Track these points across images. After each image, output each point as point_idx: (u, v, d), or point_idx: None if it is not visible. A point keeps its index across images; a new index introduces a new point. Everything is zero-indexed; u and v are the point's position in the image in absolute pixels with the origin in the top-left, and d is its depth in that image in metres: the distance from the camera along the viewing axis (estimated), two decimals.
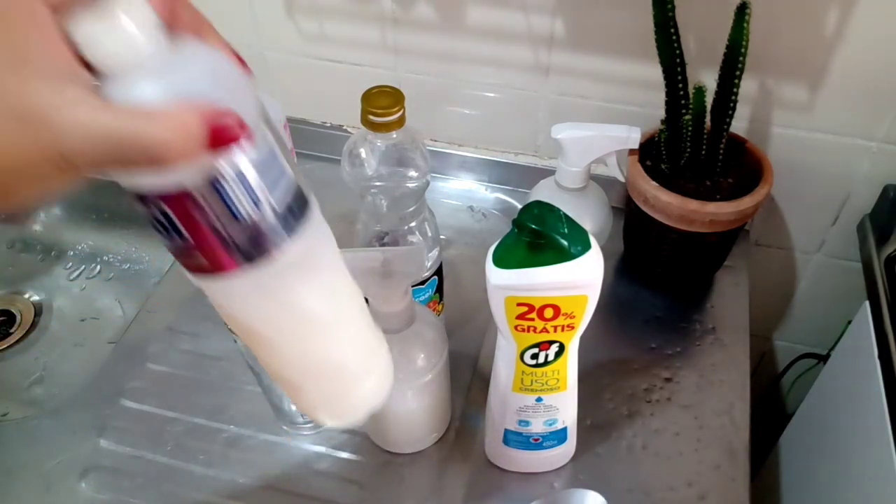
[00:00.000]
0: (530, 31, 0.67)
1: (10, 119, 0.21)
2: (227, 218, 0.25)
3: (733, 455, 0.55)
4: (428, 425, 0.55)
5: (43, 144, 0.21)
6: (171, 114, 0.22)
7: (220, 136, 0.23)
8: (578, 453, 0.55)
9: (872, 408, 0.61)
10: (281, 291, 0.29)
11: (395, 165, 0.51)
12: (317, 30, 0.74)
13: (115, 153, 0.22)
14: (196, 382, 0.62)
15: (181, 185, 0.24)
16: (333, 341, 0.34)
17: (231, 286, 0.28)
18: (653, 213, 0.61)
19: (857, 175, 0.67)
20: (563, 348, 0.44)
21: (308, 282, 0.30)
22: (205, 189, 0.24)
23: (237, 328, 0.32)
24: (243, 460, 0.56)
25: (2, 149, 0.21)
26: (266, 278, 0.28)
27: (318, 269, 0.31)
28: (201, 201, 0.25)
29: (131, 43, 0.22)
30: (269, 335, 0.31)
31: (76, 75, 0.22)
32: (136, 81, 0.23)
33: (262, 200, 0.26)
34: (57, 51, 0.21)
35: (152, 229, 0.26)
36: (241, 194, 0.25)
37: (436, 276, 0.57)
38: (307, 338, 0.32)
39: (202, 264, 0.27)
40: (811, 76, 0.62)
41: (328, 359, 0.34)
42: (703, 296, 0.68)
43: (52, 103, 0.21)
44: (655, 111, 0.62)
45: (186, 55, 0.24)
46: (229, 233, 0.26)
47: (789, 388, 0.91)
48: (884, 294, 0.63)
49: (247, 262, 0.27)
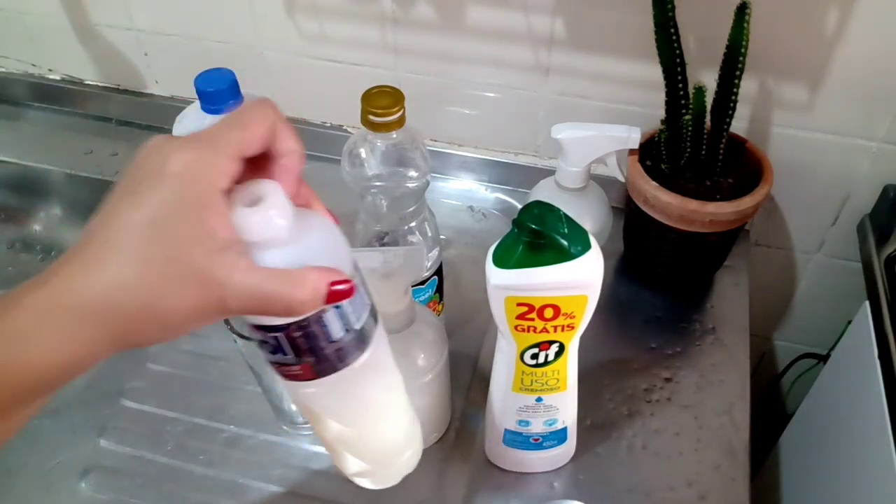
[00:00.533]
0: (530, 31, 0.67)
1: (194, 278, 0.28)
2: (325, 342, 0.32)
3: (733, 455, 0.55)
4: (428, 425, 0.55)
5: (213, 295, 0.28)
6: (305, 277, 0.29)
7: (337, 295, 0.31)
8: (578, 453, 0.55)
9: (872, 408, 0.61)
10: (351, 388, 0.36)
11: (395, 165, 0.51)
12: (317, 30, 0.74)
13: (263, 305, 0.29)
14: (196, 382, 0.62)
15: (295, 322, 0.31)
16: (385, 425, 0.40)
17: (315, 387, 0.34)
18: (653, 213, 0.61)
19: (857, 175, 0.67)
20: (563, 348, 0.44)
21: (372, 379, 0.36)
22: (313, 323, 0.31)
23: (307, 413, 0.38)
24: (243, 460, 0.56)
25: (184, 302, 0.28)
26: (343, 380, 0.34)
27: (381, 367, 0.37)
28: (308, 332, 0.32)
29: (275, 228, 0.29)
30: (333, 420, 0.37)
31: (238, 247, 0.29)
32: (277, 251, 0.30)
33: (350, 326, 0.33)
34: (228, 230, 0.29)
35: (259, 346, 0.33)
36: (337, 324, 0.32)
37: (436, 276, 0.57)
38: (364, 422, 0.39)
39: (297, 374, 0.33)
40: (811, 76, 0.62)
41: (381, 438, 0.41)
42: (703, 296, 0.68)
43: (224, 269, 0.28)
44: (655, 111, 0.62)
45: (307, 226, 0.31)
46: (324, 351, 0.33)
47: (789, 388, 0.91)
48: (884, 294, 0.63)
49: (331, 372, 0.34)
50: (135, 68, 0.85)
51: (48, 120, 0.90)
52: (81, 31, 0.83)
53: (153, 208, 0.27)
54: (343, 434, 0.39)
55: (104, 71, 0.87)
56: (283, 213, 0.30)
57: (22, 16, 0.84)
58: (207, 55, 0.79)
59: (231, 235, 0.29)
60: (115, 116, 0.90)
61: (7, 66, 0.90)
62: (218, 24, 0.77)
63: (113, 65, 0.86)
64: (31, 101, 0.91)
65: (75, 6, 0.81)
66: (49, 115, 0.91)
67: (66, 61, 0.88)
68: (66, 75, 0.89)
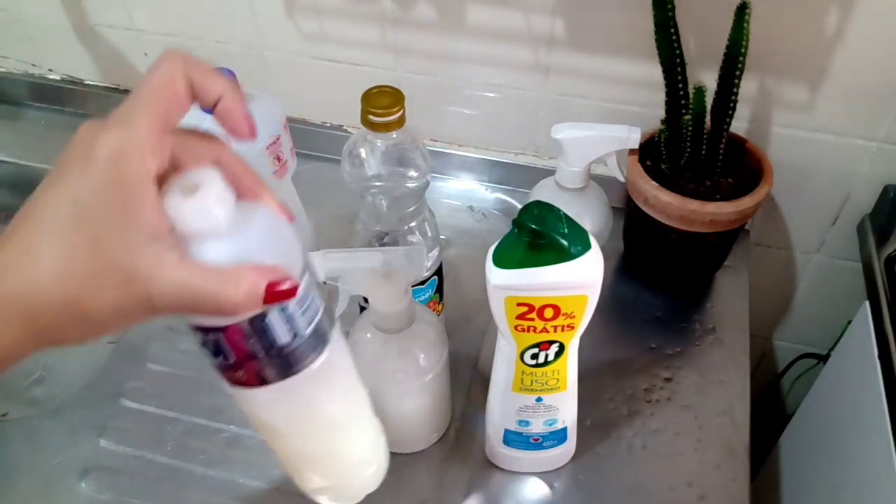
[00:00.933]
0: (530, 31, 0.67)
1: (118, 272, 0.26)
2: (268, 345, 0.30)
3: (733, 455, 0.55)
4: (428, 425, 0.55)
5: (139, 292, 0.26)
6: (240, 276, 0.27)
7: (277, 296, 0.28)
8: (578, 453, 0.55)
9: (872, 408, 0.61)
10: (304, 397, 0.34)
11: (395, 165, 0.51)
12: (317, 30, 0.74)
13: (192, 304, 0.27)
14: (196, 382, 0.62)
15: (235, 323, 0.29)
16: (344, 437, 0.38)
17: (262, 395, 0.32)
18: (653, 213, 0.61)
19: (857, 175, 0.67)
20: (563, 348, 0.44)
21: (327, 388, 0.34)
22: (254, 325, 0.29)
23: (258, 425, 0.36)
24: (243, 460, 0.56)
25: (107, 296, 0.26)
26: (292, 388, 0.32)
27: (337, 376, 0.35)
28: (249, 334, 0.29)
29: (211, 218, 0.27)
30: (288, 432, 0.36)
31: (169, 239, 0.26)
32: (213, 245, 0.27)
33: (297, 330, 0.31)
34: (159, 221, 0.26)
35: (200, 347, 0.31)
36: (283, 328, 0.30)
37: (436, 276, 0.57)
38: (321, 434, 0.37)
39: (241, 379, 0.31)
40: (811, 76, 0.62)
41: (338, 452, 0.39)
42: (703, 296, 0.68)
43: (151, 263, 0.26)
44: (655, 111, 0.62)
45: (250, 220, 0.29)
46: (269, 356, 0.30)
47: (789, 388, 0.91)
48: (884, 294, 0.63)
49: (280, 378, 0.31)
50: (135, 68, 0.85)
51: (48, 120, 0.90)
52: (81, 31, 0.83)
53: (77, 196, 0.25)
54: (298, 447, 0.37)
55: (104, 71, 0.87)
56: (222, 202, 0.27)
57: (22, 16, 0.84)
58: (207, 55, 0.79)
59: (160, 225, 0.26)
60: None
61: (7, 66, 0.90)
62: (218, 24, 0.77)
63: (113, 65, 0.86)
64: (31, 101, 0.91)
65: (75, 6, 0.81)
66: (49, 115, 0.91)
67: (66, 61, 0.88)
68: (66, 75, 0.89)
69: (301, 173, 0.57)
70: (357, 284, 0.45)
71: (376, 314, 0.46)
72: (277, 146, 0.53)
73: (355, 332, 0.49)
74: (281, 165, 0.54)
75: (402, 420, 0.53)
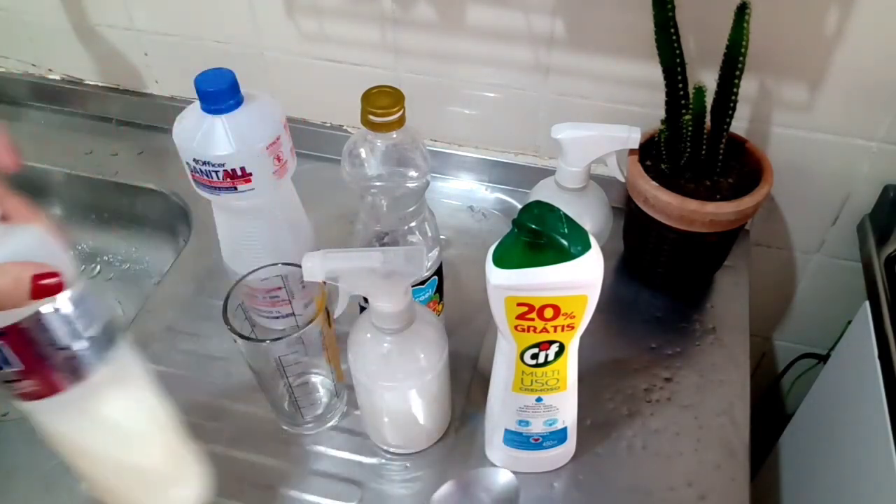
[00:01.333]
0: (530, 31, 0.67)
1: None
2: (50, 345, 0.32)
3: (733, 455, 0.55)
4: (428, 425, 0.55)
5: None
6: (3, 267, 0.29)
7: (44, 288, 0.30)
8: (578, 453, 0.55)
9: (872, 408, 0.61)
10: (94, 407, 0.36)
11: (395, 165, 0.51)
12: (317, 30, 0.74)
13: None
14: (196, 382, 0.62)
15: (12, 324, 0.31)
16: (139, 450, 0.40)
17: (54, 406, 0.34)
18: (653, 213, 0.61)
19: (857, 175, 0.67)
20: (563, 348, 0.44)
21: (115, 399, 0.37)
22: (32, 325, 0.31)
23: (60, 445, 0.37)
24: (243, 460, 0.56)
25: None
26: (82, 397, 0.34)
27: (127, 389, 0.38)
28: (29, 336, 0.31)
29: None
30: (86, 447, 0.37)
31: None
32: None
33: (79, 333, 0.33)
34: None
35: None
36: (63, 330, 0.33)
37: (436, 276, 0.57)
38: (116, 446, 0.39)
39: (33, 391, 0.33)
40: (811, 76, 0.62)
41: (135, 465, 0.40)
42: (703, 296, 0.68)
43: None
44: (655, 111, 0.62)
45: (19, 232, 0.32)
46: (53, 362, 0.33)
47: (789, 388, 0.91)
48: (884, 294, 0.63)
49: (69, 383, 0.34)
50: (135, 68, 0.85)
51: (48, 120, 0.90)
52: (81, 31, 0.83)
53: None
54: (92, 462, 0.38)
55: (104, 71, 0.87)
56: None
57: (22, 16, 0.84)
58: (207, 55, 0.79)
59: None
60: (114, 116, 0.90)
61: (7, 66, 0.90)
62: (218, 24, 0.77)
63: (113, 65, 0.86)
64: (31, 101, 0.91)
65: (75, 6, 0.81)
66: (49, 115, 0.91)
67: (66, 61, 0.88)
68: (65, 75, 0.89)
69: (301, 173, 0.57)
70: (357, 284, 0.45)
71: (376, 314, 0.46)
72: (277, 146, 0.53)
73: (355, 332, 0.49)
74: (281, 165, 0.54)
75: (402, 420, 0.53)
